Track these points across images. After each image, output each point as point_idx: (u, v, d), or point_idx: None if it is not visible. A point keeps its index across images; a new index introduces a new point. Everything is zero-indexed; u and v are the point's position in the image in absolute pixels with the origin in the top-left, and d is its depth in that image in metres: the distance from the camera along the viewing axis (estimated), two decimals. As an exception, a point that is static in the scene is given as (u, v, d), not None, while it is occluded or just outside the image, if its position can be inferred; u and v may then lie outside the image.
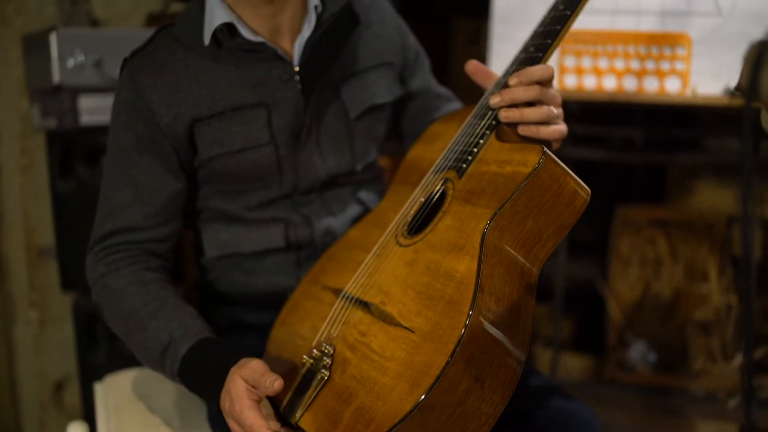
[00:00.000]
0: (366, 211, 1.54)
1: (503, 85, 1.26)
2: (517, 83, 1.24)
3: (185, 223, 1.50)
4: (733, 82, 2.01)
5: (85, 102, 2.21)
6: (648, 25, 2.03)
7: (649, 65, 2.03)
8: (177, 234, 1.48)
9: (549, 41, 1.26)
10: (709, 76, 2.02)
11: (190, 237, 1.57)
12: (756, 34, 1.96)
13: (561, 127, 1.26)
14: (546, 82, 1.25)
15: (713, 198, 2.91)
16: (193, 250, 1.57)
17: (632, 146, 2.66)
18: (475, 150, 1.23)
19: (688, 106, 2.09)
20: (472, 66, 1.38)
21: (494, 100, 1.24)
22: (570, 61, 2.08)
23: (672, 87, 2.02)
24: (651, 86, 2.04)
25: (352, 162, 1.53)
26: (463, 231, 1.14)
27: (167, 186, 1.42)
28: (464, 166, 1.23)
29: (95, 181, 2.27)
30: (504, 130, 1.25)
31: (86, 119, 2.22)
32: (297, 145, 1.45)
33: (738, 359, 2.65)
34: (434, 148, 1.37)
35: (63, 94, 2.18)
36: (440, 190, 1.25)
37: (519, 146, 1.19)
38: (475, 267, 1.07)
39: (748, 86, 0.65)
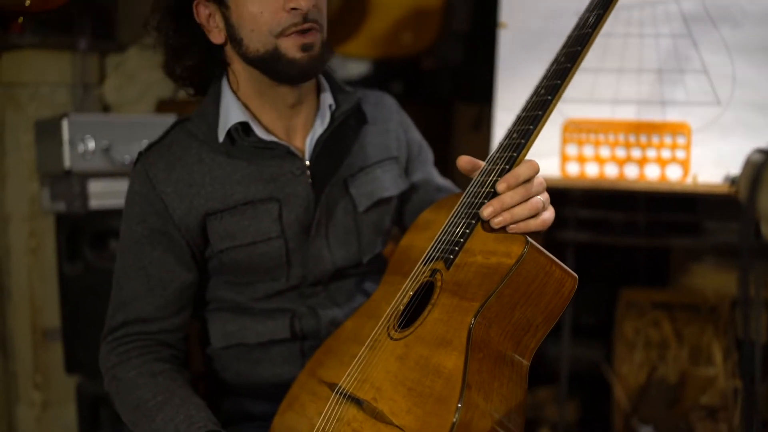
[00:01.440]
0: (370, 302, 1.55)
1: (492, 194, 1.22)
2: (505, 188, 1.21)
3: (192, 313, 1.52)
4: (733, 170, 2.03)
5: (94, 186, 2.25)
6: (648, 114, 2.07)
7: (650, 153, 2.06)
8: (188, 323, 1.50)
9: (531, 127, 1.24)
10: (709, 164, 2.04)
11: (197, 327, 1.58)
12: (754, 123, 1.99)
13: (548, 215, 1.25)
14: (532, 178, 1.24)
15: (717, 280, 2.90)
16: (198, 340, 1.57)
17: (635, 230, 2.67)
18: (462, 240, 1.23)
19: (689, 193, 2.11)
20: (464, 163, 1.31)
21: (486, 212, 1.20)
22: (572, 150, 2.11)
23: (673, 175, 2.05)
24: (652, 174, 2.06)
25: (359, 254, 1.54)
26: (450, 324, 1.14)
27: (178, 278, 1.44)
28: (452, 257, 1.22)
29: (102, 264, 2.29)
30: None
31: (95, 203, 2.25)
32: (306, 239, 1.47)
33: (746, 445, 2.61)
34: (424, 237, 1.37)
35: (73, 178, 2.23)
36: (429, 282, 1.25)
37: (503, 236, 1.18)
38: (462, 363, 1.07)
39: (746, 203, 0.67)
